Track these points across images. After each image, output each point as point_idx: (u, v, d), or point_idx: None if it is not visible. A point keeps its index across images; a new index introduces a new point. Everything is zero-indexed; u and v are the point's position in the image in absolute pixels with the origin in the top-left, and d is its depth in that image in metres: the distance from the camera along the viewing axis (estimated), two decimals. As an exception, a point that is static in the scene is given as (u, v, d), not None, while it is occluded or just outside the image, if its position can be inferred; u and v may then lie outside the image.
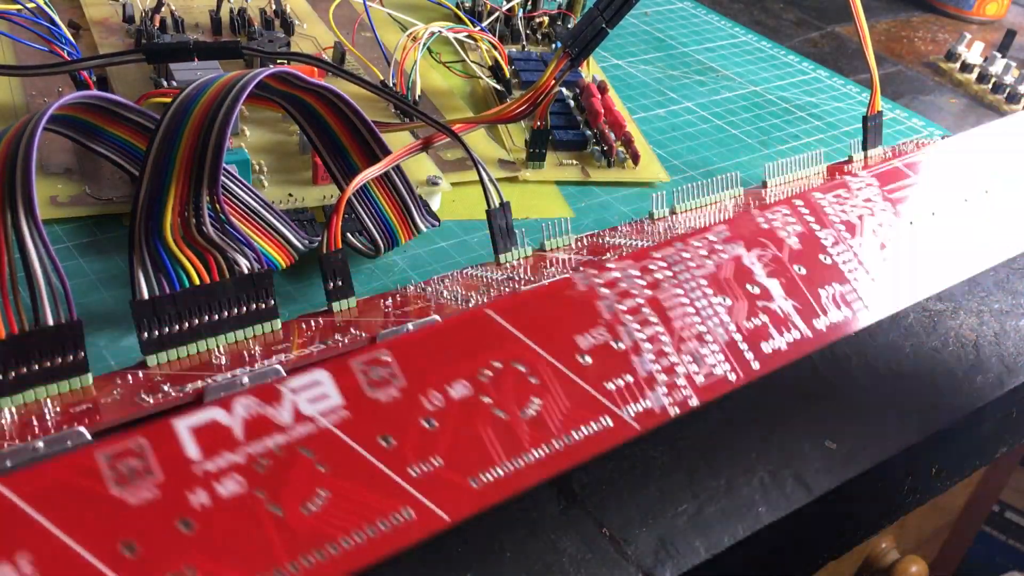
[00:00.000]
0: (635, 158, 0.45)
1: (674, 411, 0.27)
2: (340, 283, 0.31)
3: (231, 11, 0.48)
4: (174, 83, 0.40)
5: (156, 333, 0.27)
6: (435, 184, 0.39)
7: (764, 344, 0.30)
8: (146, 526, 0.20)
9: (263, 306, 0.29)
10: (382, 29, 0.50)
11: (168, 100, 0.35)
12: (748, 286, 0.31)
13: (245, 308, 0.28)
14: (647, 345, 0.28)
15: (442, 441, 0.24)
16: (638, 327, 0.28)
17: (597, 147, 0.45)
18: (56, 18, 0.40)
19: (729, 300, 0.30)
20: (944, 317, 0.40)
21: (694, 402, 0.28)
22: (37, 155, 0.23)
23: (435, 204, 0.40)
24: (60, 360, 0.25)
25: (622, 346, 0.27)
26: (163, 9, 0.47)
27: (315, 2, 0.53)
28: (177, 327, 0.27)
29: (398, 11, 0.52)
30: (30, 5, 0.41)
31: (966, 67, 0.63)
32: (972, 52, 0.63)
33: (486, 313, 0.26)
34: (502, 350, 0.26)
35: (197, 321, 0.27)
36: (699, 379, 0.28)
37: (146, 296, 0.26)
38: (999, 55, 0.62)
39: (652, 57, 0.59)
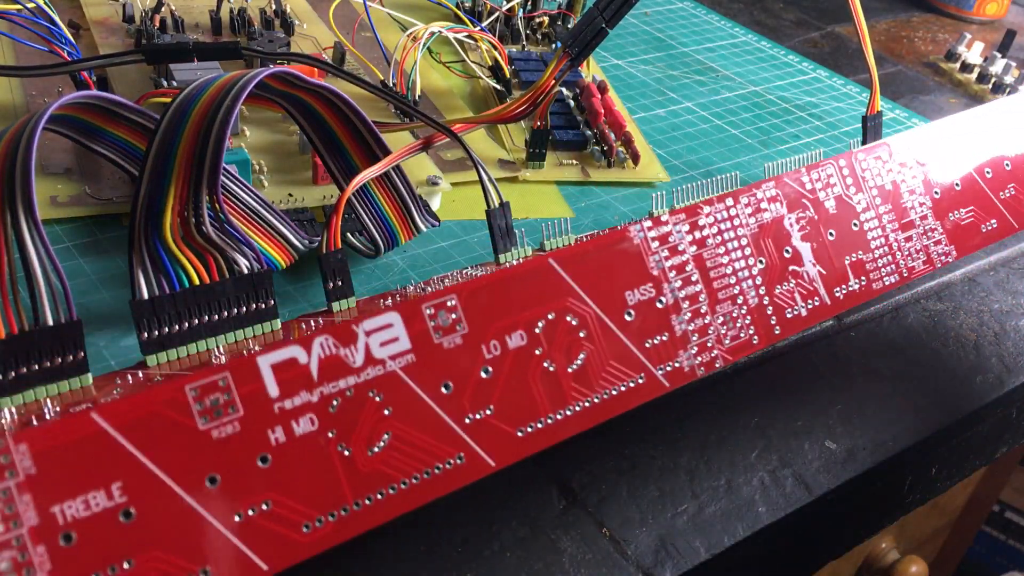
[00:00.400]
0: (635, 158, 0.45)
1: (700, 371, 0.29)
2: (340, 283, 0.31)
3: (231, 11, 0.48)
4: (174, 83, 0.40)
5: (156, 333, 0.27)
6: (435, 184, 0.39)
7: (788, 310, 0.31)
8: (228, 460, 0.21)
9: (263, 306, 0.29)
10: (382, 29, 0.50)
11: (168, 100, 0.35)
12: (784, 250, 0.32)
13: (245, 308, 0.28)
14: (685, 304, 0.29)
15: (496, 390, 0.25)
16: (680, 284, 0.29)
17: (597, 147, 0.45)
18: (56, 18, 0.40)
19: (764, 262, 0.31)
20: (944, 317, 0.40)
21: (720, 364, 0.30)
22: (37, 155, 0.23)
23: (435, 204, 0.40)
24: (60, 360, 0.25)
25: (663, 303, 0.29)
26: (163, 9, 0.47)
27: (315, 2, 0.53)
28: (177, 327, 0.27)
29: (398, 11, 0.52)
30: (30, 5, 0.41)
31: (966, 67, 0.63)
32: (972, 52, 0.63)
33: (548, 263, 0.27)
34: (558, 302, 0.27)
35: (197, 321, 0.27)
36: (727, 342, 0.30)
37: (146, 296, 0.26)
38: (999, 55, 0.62)
39: (652, 57, 0.59)
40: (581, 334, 0.27)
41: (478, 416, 0.25)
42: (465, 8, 0.54)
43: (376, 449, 0.23)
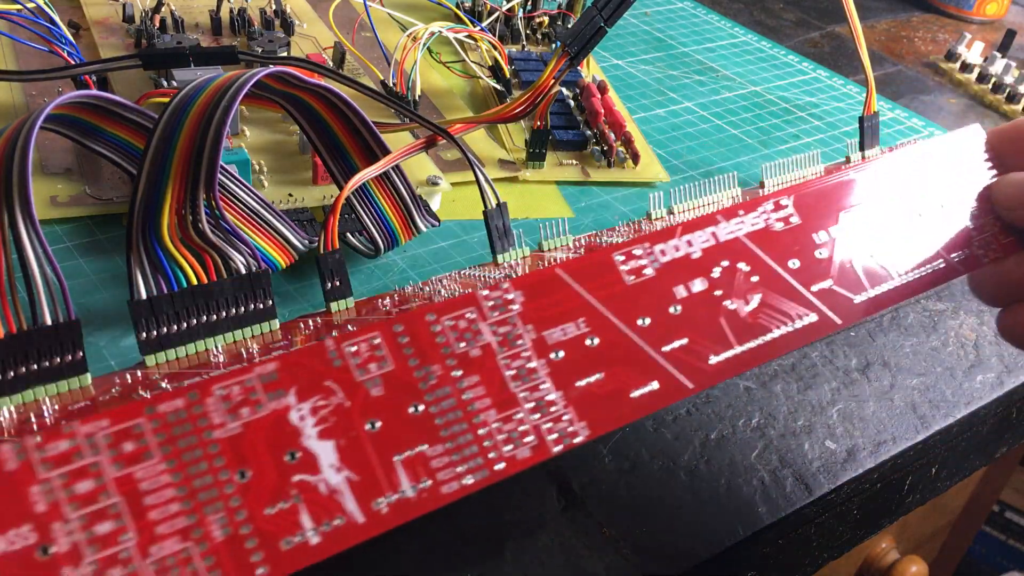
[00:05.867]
0: (635, 158, 0.45)
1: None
2: (338, 283, 0.31)
3: (231, 11, 0.48)
4: (174, 83, 0.40)
5: (154, 333, 0.27)
6: (435, 184, 0.39)
7: (283, 541, 0.22)
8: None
9: (261, 306, 0.29)
10: (382, 29, 0.50)
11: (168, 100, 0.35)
12: (288, 454, 0.23)
13: (243, 308, 0.28)
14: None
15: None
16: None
17: (597, 147, 0.45)
18: (56, 18, 0.40)
19: (248, 474, 0.22)
20: (944, 317, 0.40)
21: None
22: (37, 155, 0.24)
23: (435, 204, 0.40)
24: (58, 360, 0.24)
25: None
26: (163, 9, 0.47)
27: (315, 2, 0.53)
28: (175, 327, 0.27)
29: (398, 11, 0.52)
30: (30, 5, 0.41)
31: (966, 67, 0.63)
32: (972, 52, 0.63)
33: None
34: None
35: (195, 321, 0.27)
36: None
37: (144, 296, 0.26)
38: (999, 55, 0.62)
39: (652, 57, 0.59)
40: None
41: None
42: (465, 8, 0.54)
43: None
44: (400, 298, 0.31)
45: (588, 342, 0.27)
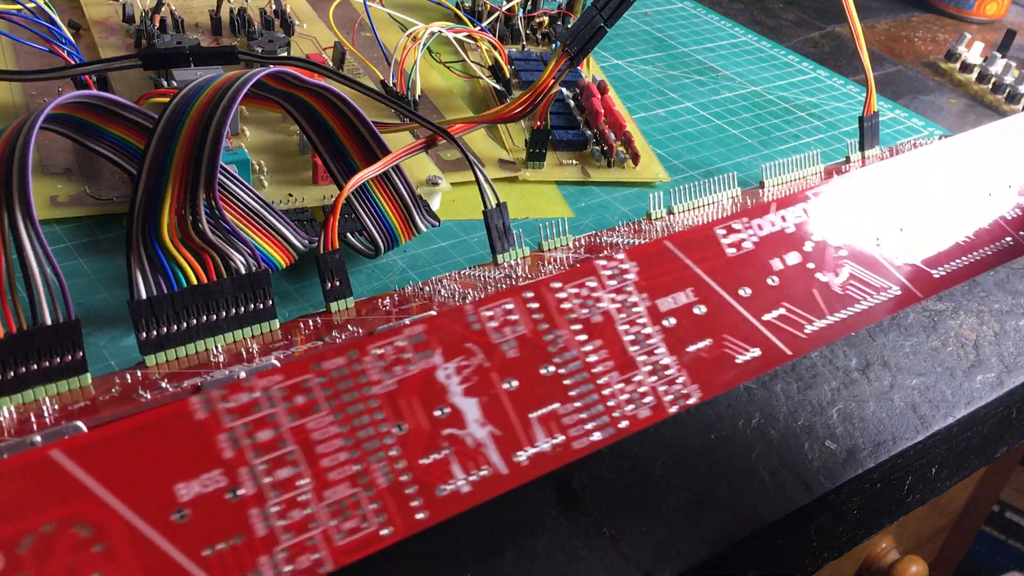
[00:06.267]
0: (635, 158, 0.45)
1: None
2: (338, 283, 0.31)
3: (231, 11, 0.48)
4: (174, 83, 0.40)
5: (154, 333, 0.27)
6: (435, 184, 0.39)
7: (439, 488, 0.24)
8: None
9: (261, 306, 0.29)
10: (382, 29, 0.50)
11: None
12: (438, 408, 0.25)
13: (243, 308, 0.28)
14: (273, 493, 0.22)
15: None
16: (267, 467, 0.22)
17: (597, 147, 0.45)
18: (56, 18, 0.40)
19: (406, 427, 0.24)
20: (944, 317, 0.40)
21: (327, 570, 0.22)
22: (37, 155, 0.24)
23: (435, 204, 0.40)
24: (59, 360, 0.25)
25: (238, 495, 0.22)
26: (163, 9, 0.47)
27: (315, 2, 0.53)
28: (175, 327, 0.27)
29: (398, 11, 0.52)
30: (30, 5, 0.41)
31: (966, 67, 0.63)
32: (972, 52, 0.63)
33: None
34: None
35: (195, 321, 0.27)
36: (338, 538, 0.22)
37: (144, 296, 0.26)
38: (999, 55, 0.62)
39: (652, 57, 0.59)
40: (96, 548, 0.20)
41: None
42: (465, 8, 0.54)
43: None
44: (400, 298, 0.31)
45: (696, 310, 0.29)
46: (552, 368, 0.26)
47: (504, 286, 0.29)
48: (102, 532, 0.20)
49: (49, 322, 0.24)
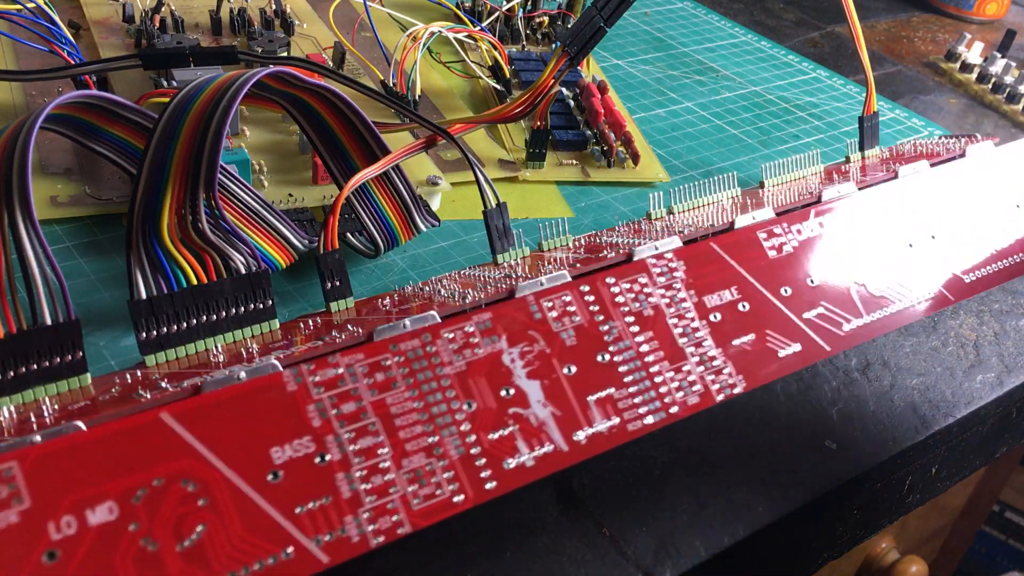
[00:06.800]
0: (635, 158, 0.45)
1: (377, 540, 0.24)
2: (338, 283, 0.31)
3: (231, 11, 0.48)
4: (174, 83, 0.40)
5: (154, 333, 0.27)
6: (435, 184, 0.39)
7: (506, 460, 0.26)
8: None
9: (261, 306, 0.29)
10: (382, 29, 0.50)
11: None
12: (503, 389, 0.27)
13: (243, 308, 0.28)
14: (358, 460, 0.24)
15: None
16: (351, 436, 0.24)
17: (597, 147, 0.45)
18: (56, 18, 0.40)
19: (475, 404, 0.26)
20: (944, 317, 0.40)
21: (405, 530, 0.24)
22: (37, 155, 0.24)
23: (435, 204, 0.40)
24: (58, 360, 0.25)
25: (325, 460, 0.24)
26: (163, 9, 0.47)
27: (315, 2, 0.53)
28: (175, 327, 0.27)
29: (398, 11, 0.52)
30: (30, 5, 0.41)
31: (966, 67, 0.63)
32: (972, 52, 0.63)
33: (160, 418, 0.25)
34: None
35: (195, 321, 0.27)
36: (416, 503, 0.24)
37: (144, 296, 0.26)
38: (999, 55, 0.62)
39: (652, 57, 0.59)
40: (201, 502, 0.22)
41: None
42: (465, 8, 0.54)
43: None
44: (400, 298, 0.31)
45: (740, 307, 0.31)
46: (607, 356, 0.28)
47: (504, 286, 0.29)
48: (206, 488, 0.22)
49: (49, 322, 0.24)
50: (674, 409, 0.28)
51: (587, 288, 0.29)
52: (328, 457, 0.23)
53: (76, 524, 0.20)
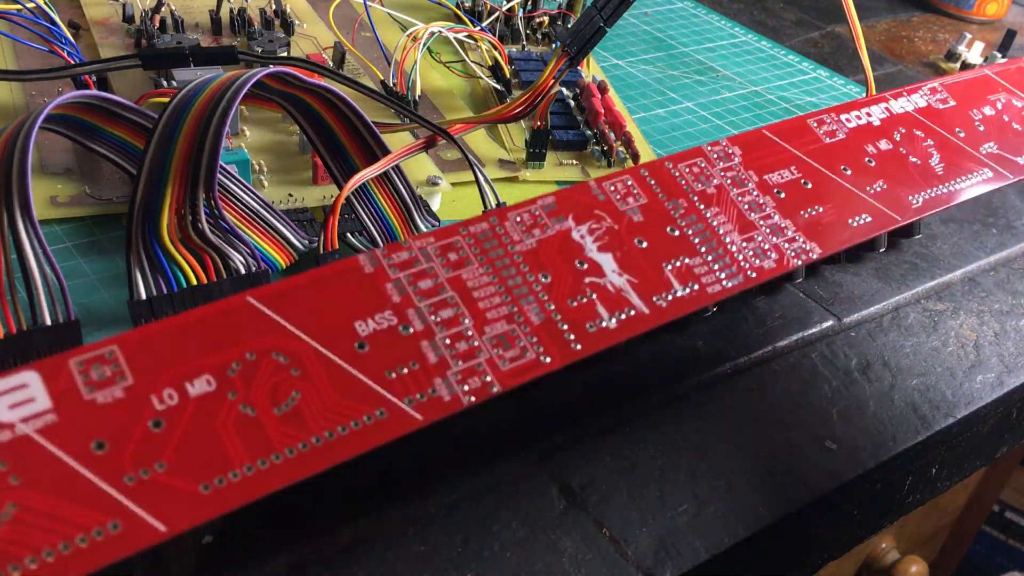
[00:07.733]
0: (635, 158, 0.45)
1: (469, 400, 0.25)
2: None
3: (231, 11, 0.48)
4: (174, 83, 0.40)
5: (155, 333, 0.27)
6: (435, 184, 0.39)
7: (588, 324, 0.27)
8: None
9: (262, 306, 0.29)
10: (382, 29, 0.50)
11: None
12: (576, 262, 0.28)
13: (244, 308, 0.28)
14: (440, 329, 0.25)
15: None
16: (431, 308, 0.26)
17: (597, 147, 0.45)
18: (56, 18, 0.40)
19: (550, 276, 0.28)
20: (944, 317, 0.40)
21: (496, 389, 0.25)
22: (37, 155, 0.24)
23: (435, 204, 0.40)
24: (58, 360, 0.24)
25: (409, 331, 0.25)
26: (163, 9, 0.47)
27: (315, 2, 0.53)
28: (176, 327, 0.27)
29: (398, 11, 0.52)
30: (30, 5, 0.41)
31: (966, 67, 0.63)
32: (972, 52, 0.63)
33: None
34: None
35: (196, 321, 0.27)
36: (503, 364, 0.25)
37: (143, 297, 0.26)
38: (999, 55, 0.62)
39: (652, 57, 0.59)
40: (293, 372, 0.23)
41: (144, 475, 0.21)
42: (465, 8, 0.54)
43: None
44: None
45: (803, 184, 0.32)
46: (677, 231, 0.29)
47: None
48: (297, 360, 0.23)
49: (49, 322, 0.24)
50: (752, 274, 0.29)
51: (647, 172, 0.30)
52: (411, 329, 0.24)
53: (177, 396, 0.21)
